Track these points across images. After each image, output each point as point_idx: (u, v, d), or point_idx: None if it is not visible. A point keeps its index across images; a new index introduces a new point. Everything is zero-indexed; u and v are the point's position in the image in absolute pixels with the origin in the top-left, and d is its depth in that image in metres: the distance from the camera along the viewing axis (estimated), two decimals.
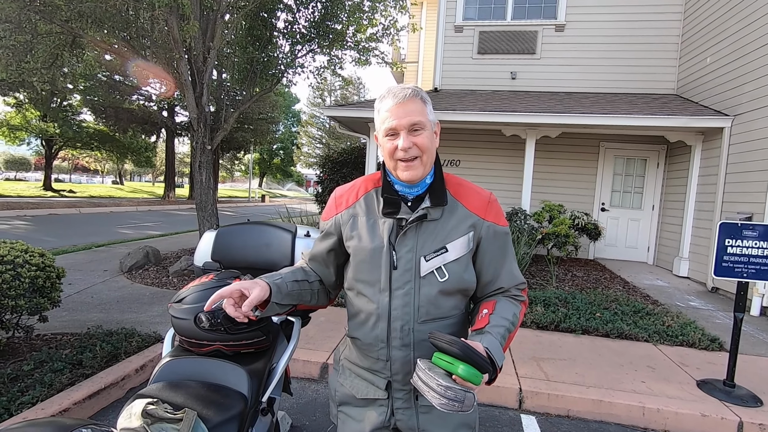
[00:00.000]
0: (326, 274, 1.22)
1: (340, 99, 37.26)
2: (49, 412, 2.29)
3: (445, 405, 0.84)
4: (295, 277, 1.14)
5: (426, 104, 1.05)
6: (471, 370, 0.85)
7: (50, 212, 14.13)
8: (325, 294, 1.23)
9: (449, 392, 0.84)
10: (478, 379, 0.86)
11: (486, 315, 1.05)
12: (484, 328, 1.02)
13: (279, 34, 7.07)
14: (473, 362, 0.85)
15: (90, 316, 3.98)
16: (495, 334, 1.00)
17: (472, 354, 0.86)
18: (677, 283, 6.29)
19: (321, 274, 1.22)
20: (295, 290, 1.11)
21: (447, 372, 0.88)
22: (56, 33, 5.35)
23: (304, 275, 1.17)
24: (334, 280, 1.23)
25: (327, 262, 1.21)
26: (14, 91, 17.70)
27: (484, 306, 1.10)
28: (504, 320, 1.04)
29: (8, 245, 2.85)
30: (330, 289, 1.25)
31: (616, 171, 7.99)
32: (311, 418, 2.64)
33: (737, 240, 2.93)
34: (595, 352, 3.59)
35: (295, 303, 1.13)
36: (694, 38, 7.02)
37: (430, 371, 0.88)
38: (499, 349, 0.98)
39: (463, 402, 0.84)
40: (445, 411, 0.85)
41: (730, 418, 2.62)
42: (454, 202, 1.10)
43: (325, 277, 1.22)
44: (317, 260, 1.22)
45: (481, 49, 8.20)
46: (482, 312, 1.07)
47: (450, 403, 0.84)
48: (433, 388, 0.86)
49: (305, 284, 1.15)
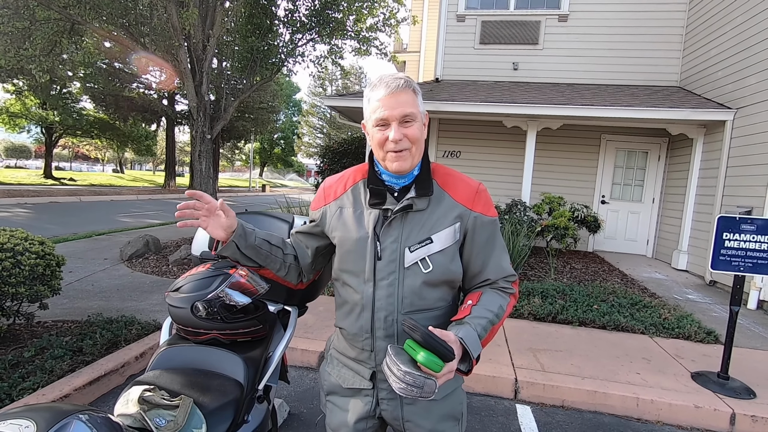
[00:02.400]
0: (303, 253, 1.23)
1: (341, 88, 37.02)
2: (50, 397, 2.32)
3: (403, 390, 0.86)
4: (269, 239, 1.16)
5: (417, 95, 1.05)
6: (431, 357, 0.86)
7: (51, 200, 14.14)
8: (296, 272, 1.24)
9: (407, 377, 0.85)
10: (438, 367, 0.87)
11: (469, 306, 1.05)
12: (463, 319, 1.02)
13: (279, 23, 7.02)
14: (433, 350, 0.87)
15: (90, 303, 4.01)
16: (474, 325, 1.00)
17: (433, 342, 0.87)
18: (675, 276, 6.31)
19: (299, 251, 1.23)
20: (263, 249, 1.14)
21: (412, 358, 0.90)
22: (55, 19, 5.31)
23: (280, 243, 1.20)
24: (309, 262, 1.24)
25: (307, 242, 1.23)
26: (13, 77, 17.58)
27: (469, 297, 1.10)
28: (487, 312, 1.04)
29: (8, 233, 2.86)
30: (304, 270, 1.25)
31: (617, 163, 7.96)
32: (309, 406, 2.67)
33: (735, 234, 2.93)
34: (591, 343, 3.62)
35: (260, 263, 1.16)
36: (698, 30, 6.95)
37: (395, 356, 0.90)
38: (476, 340, 0.97)
39: (422, 388, 0.85)
40: (404, 396, 0.87)
41: (723, 410, 2.65)
42: (440, 193, 1.09)
43: (302, 256, 1.23)
44: (298, 237, 1.24)
45: (483, 39, 8.12)
46: (466, 302, 1.08)
47: (408, 388, 0.85)
48: (394, 373, 0.88)
49: (277, 251, 1.17)
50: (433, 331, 0.89)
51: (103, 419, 0.91)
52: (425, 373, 0.87)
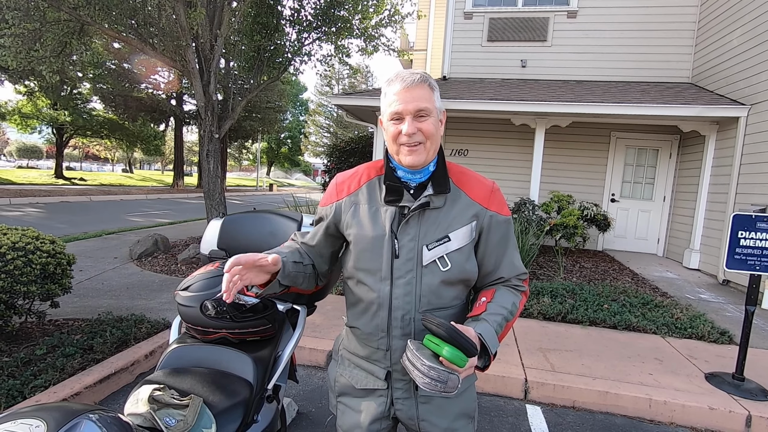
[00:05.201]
0: (320, 261, 1.20)
1: (348, 87, 37.02)
2: (61, 395, 2.34)
3: (428, 384, 0.86)
4: (294, 259, 1.11)
5: (434, 91, 1.04)
6: (455, 353, 0.86)
7: (62, 200, 14.31)
8: (314, 279, 1.20)
9: (432, 372, 0.85)
10: (463, 362, 0.86)
11: (484, 303, 1.06)
12: (480, 315, 1.02)
13: (286, 22, 7.01)
14: (459, 345, 0.86)
15: (100, 302, 4.04)
16: (491, 321, 1.00)
17: (458, 337, 0.86)
18: (687, 276, 6.22)
19: (314, 259, 1.19)
20: (292, 272, 1.09)
21: (434, 353, 0.89)
22: (64, 21, 5.36)
23: (300, 257, 1.14)
24: (326, 268, 1.22)
25: (323, 248, 1.19)
26: (25, 79, 17.81)
27: (482, 294, 1.10)
28: (502, 309, 1.05)
29: (20, 232, 2.89)
30: (320, 275, 1.22)
31: (627, 161, 7.86)
32: (317, 405, 2.67)
33: (750, 232, 2.87)
34: (602, 343, 3.57)
35: (290, 285, 1.10)
36: (711, 25, 6.83)
37: (417, 351, 0.89)
38: (494, 336, 0.98)
39: (446, 383, 0.85)
40: (428, 390, 0.86)
41: (738, 412, 2.60)
42: (457, 191, 1.09)
43: (318, 263, 1.20)
44: (313, 245, 1.19)
45: (490, 36, 8.06)
46: (480, 300, 1.08)
47: (433, 383, 0.85)
48: (417, 368, 0.87)
49: (301, 266, 1.13)
50: (456, 326, 0.89)
51: (113, 419, 0.90)
52: (448, 369, 0.87)
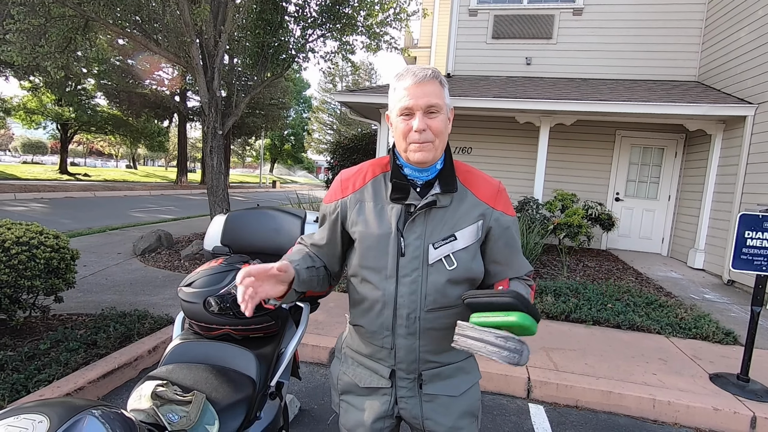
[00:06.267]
0: (332, 261, 1.17)
1: (351, 84, 36.97)
2: (65, 390, 2.35)
3: (506, 357, 0.79)
4: (306, 264, 1.09)
5: (444, 87, 1.02)
6: (527, 318, 0.80)
7: (66, 195, 14.38)
8: (328, 281, 1.18)
9: (509, 343, 0.79)
10: (535, 327, 0.81)
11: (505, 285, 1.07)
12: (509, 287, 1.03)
13: (290, 19, 7.00)
14: (528, 310, 0.81)
15: (104, 297, 4.06)
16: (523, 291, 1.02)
17: (527, 301, 0.81)
18: (692, 276, 6.19)
19: (326, 260, 1.17)
20: (307, 278, 1.06)
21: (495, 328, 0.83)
22: (69, 16, 5.36)
23: (312, 262, 1.12)
24: (338, 269, 1.19)
25: (333, 247, 1.16)
26: (30, 74, 17.87)
27: (498, 284, 1.09)
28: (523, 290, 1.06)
29: (24, 227, 2.90)
30: (333, 276, 1.20)
31: (632, 160, 7.81)
32: (320, 402, 2.67)
33: (757, 232, 2.85)
34: (605, 343, 3.55)
35: (305, 291, 1.08)
36: (718, 23, 6.76)
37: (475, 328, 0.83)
38: None
39: (522, 354, 0.79)
40: (505, 363, 0.80)
41: (743, 413, 2.58)
42: (463, 190, 1.08)
43: (330, 263, 1.17)
44: (323, 247, 1.16)
45: (495, 33, 8.01)
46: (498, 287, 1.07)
47: (511, 355, 0.79)
48: (491, 342, 0.81)
49: (313, 271, 1.11)
50: None
51: (115, 415, 0.90)
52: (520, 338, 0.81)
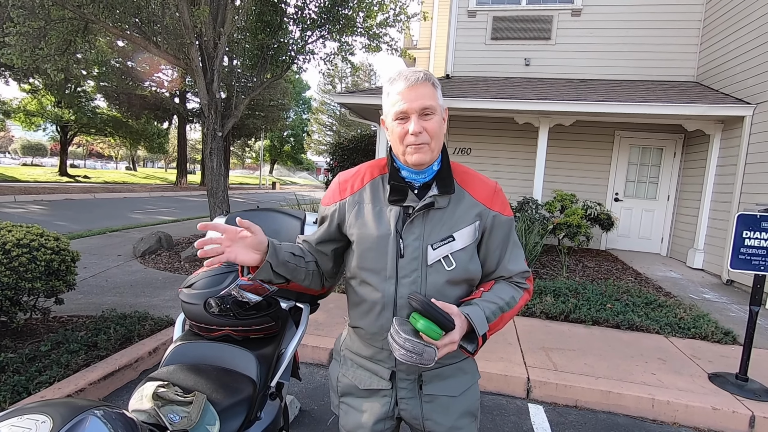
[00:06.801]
0: (324, 260, 1.18)
1: (350, 86, 37.00)
2: (66, 391, 2.36)
3: (403, 356, 0.90)
4: (292, 251, 1.10)
5: (436, 89, 1.04)
6: (429, 325, 0.91)
7: (66, 197, 14.38)
8: (319, 278, 1.19)
9: (407, 344, 0.90)
10: (437, 335, 0.91)
11: (480, 291, 1.08)
12: (472, 300, 1.05)
13: (289, 20, 7.02)
14: (433, 318, 0.91)
15: (104, 299, 4.06)
16: (482, 306, 1.02)
17: (432, 310, 0.91)
18: (691, 275, 6.20)
19: (319, 258, 1.18)
20: (291, 263, 1.07)
21: (414, 329, 0.94)
22: (69, 19, 5.37)
23: (301, 252, 1.13)
24: (331, 267, 1.20)
25: (326, 248, 1.18)
26: (29, 77, 17.88)
27: (482, 285, 1.12)
28: (497, 298, 1.06)
29: (24, 229, 2.91)
30: (326, 275, 1.21)
31: (630, 160, 7.83)
32: (320, 403, 2.68)
33: (755, 232, 2.86)
34: (605, 343, 3.56)
35: (288, 278, 1.09)
36: (716, 23, 6.78)
37: (399, 327, 0.94)
38: (483, 319, 1.00)
39: (422, 355, 0.89)
40: (404, 362, 0.91)
41: (741, 412, 2.59)
42: (460, 191, 1.09)
43: (323, 263, 1.18)
44: (316, 246, 1.18)
45: (494, 34, 8.03)
46: (478, 289, 1.10)
47: (408, 354, 0.90)
48: (395, 340, 0.92)
49: (301, 261, 1.11)
50: (435, 302, 0.93)
51: (117, 415, 0.91)
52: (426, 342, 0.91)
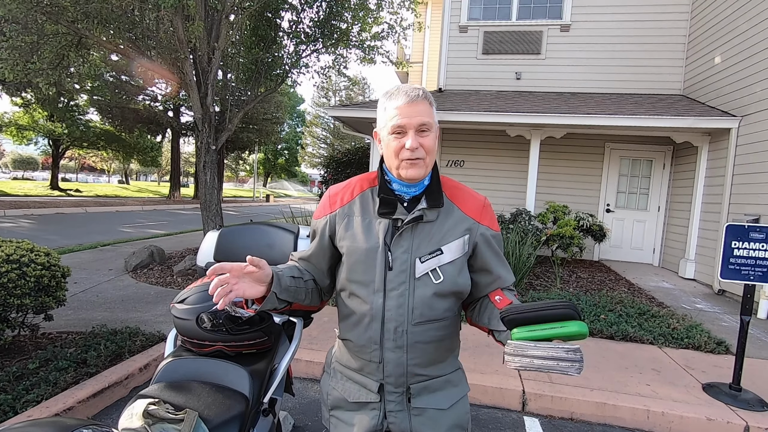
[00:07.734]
0: (320, 275, 1.19)
1: (344, 99, 37.30)
2: (54, 410, 2.31)
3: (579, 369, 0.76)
4: (292, 273, 1.10)
5: (432, 106, 1.06)
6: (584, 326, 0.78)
7: (57, 211, 14.23)
8: (318, 295, 1.19)
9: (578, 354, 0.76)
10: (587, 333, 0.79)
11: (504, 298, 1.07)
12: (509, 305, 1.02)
13: (284, 34, 7.09)
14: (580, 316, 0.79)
15: (95, 314, 4.00)
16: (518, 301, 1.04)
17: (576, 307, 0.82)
18: (683, 285, 6.24)
19: (315, 275, 1.18)
20: (292, 286, 1.07)
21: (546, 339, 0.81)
22: (62, 34, 5.39)
23: (299, 273, 1.14)
24: (328, 282, 1.20)
25: (321, 263, 1.18)
26: (22, 91, 17.84)
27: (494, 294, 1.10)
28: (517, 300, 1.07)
29: (14, 244, 2.87)
30: (323, 290, 1.21)
31: (621, 172, 7.93)
32: (314, 419, 2.64)
33: (744, 242, 2.90)
34: (599, 354, 3.56)
35: (291, 301, 1.09)
36: (701, 38, 6.97)
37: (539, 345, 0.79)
38: None
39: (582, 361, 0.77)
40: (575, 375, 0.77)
41: (736, 422, 2.60)
42: (450, 205, 1.11)
43: (319, 278, 1.19)
44: (311, 262, 1.18)
45: (485, 49, 8.18)
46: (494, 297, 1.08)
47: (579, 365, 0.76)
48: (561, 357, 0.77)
49: (300, 282, 1.12)
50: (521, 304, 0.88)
51: None
52: None
